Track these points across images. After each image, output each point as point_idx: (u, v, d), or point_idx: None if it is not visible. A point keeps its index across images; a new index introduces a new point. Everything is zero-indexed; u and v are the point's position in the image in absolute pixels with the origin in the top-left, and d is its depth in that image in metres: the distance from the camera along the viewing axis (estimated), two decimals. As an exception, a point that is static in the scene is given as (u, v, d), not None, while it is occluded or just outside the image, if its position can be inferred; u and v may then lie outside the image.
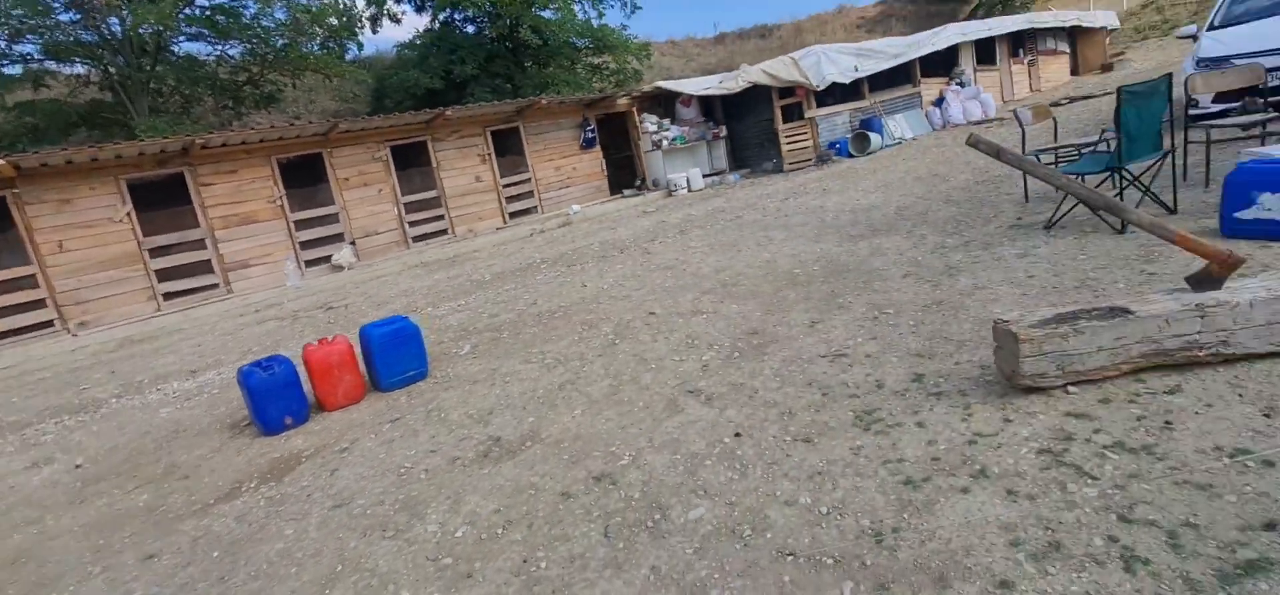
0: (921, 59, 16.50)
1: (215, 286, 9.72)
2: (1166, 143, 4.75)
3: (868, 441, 2.51)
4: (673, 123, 15.11)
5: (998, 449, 2.28)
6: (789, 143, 14.78)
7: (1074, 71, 23.34)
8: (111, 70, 13.48)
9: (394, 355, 4.26)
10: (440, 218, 12.06)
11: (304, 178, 10.81)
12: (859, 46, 15.19)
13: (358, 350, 4.32)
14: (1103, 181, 5.60)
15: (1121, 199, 4.67)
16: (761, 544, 2.05)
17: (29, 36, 12.46)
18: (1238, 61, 6.30)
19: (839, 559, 1.92)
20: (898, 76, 16.56)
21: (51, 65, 13.78)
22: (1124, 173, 4.76)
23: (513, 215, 13.11)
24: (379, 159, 11.27)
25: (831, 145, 14.66)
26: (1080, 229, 4.71)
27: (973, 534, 1.89)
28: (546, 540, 2.31)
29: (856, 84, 15.04)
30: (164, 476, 3.62)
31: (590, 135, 14.08)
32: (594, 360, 4.21)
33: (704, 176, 14.60)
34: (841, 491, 2.23)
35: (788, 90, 14.38)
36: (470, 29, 20.94)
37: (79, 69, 13.86)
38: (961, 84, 17.69)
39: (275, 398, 3.83)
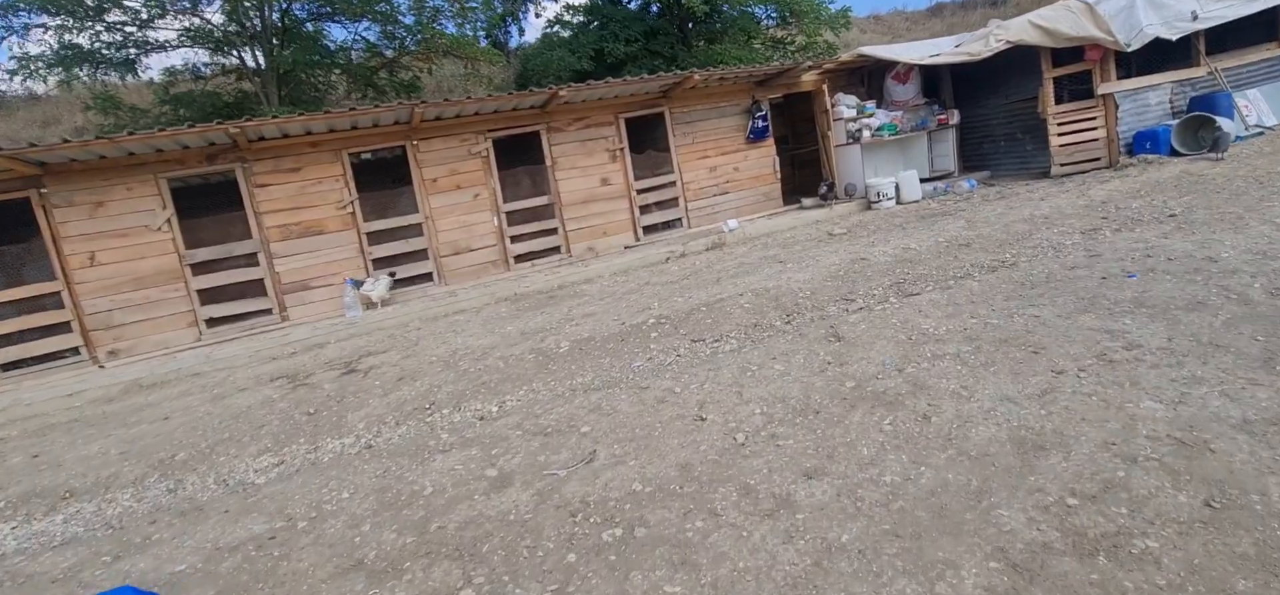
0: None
1: (267, 313, 7.77)
2: None
3: None
4: (879, 106, 10.84)
5: None
6: (1064, 133, 9.79)
7: None
8: (247, 61, 12.69)
9: None
10: (553, 232, 9.24)
11: (382, 179, 8.58)
12: (1202, -21, 9.63)
13: None
14: None
15: None
16: None
17: (167, 19, 11.92)
18: None
19: None
20: (1252, 29, 10.56)
21: (204, 55, 13.38)
22: None
23: (648, 229, 9.91)
24: (477, 154, 8.70)
25: (1141, 138, 9.42)
26: None
27: None
28: None
29: (1183, 42, 9.56)
30: None
31: (761, 124, 10.39)
32: None
33: (921, 181, 10.19)
34: None
35: (1069, 54, 9.42)
36: (631, 2, 18.21)
37: (233, 60, 13.34)
38: (1368, 39, 11.02)
39: None
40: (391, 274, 7.73)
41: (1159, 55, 9.96)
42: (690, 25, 18.62)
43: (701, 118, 10.13)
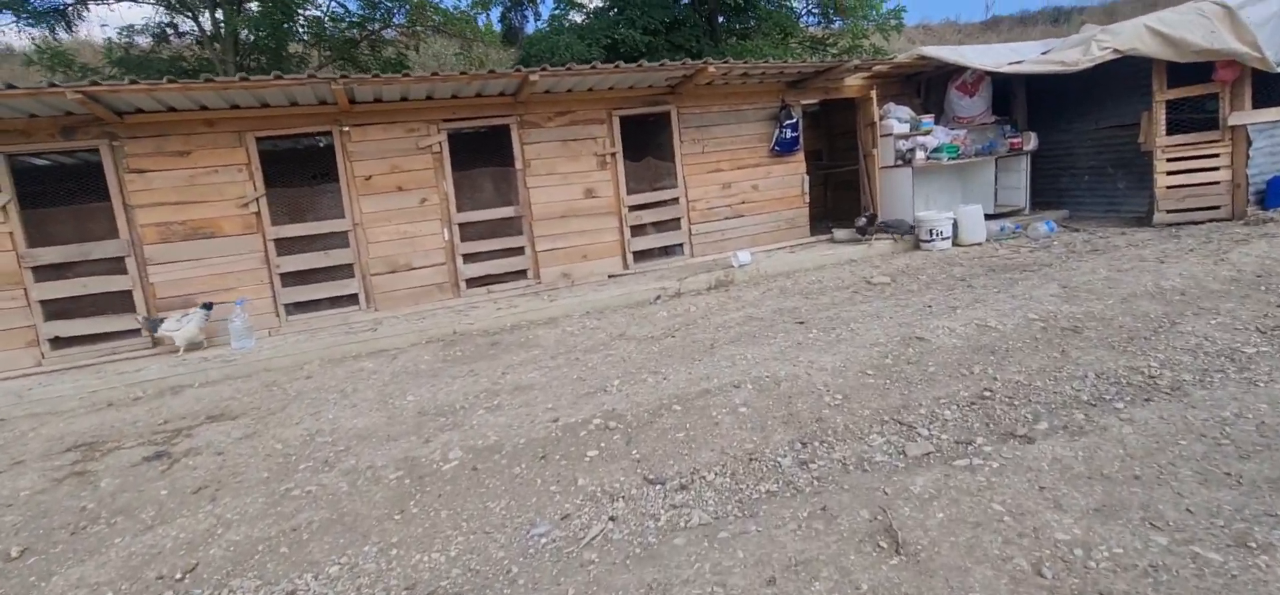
0: None
1: (134, 334, 6.06)
2: None
3: None
4: (937, 121, 8.83)
5: None
6: (1175, 172, 7.69)
7: None
8: (204, 24, 11.08)
9: None
10: (519, 251, 7.41)
11: (301, 172, 6.84)
12: (1376, -15, 7.45)
13: None
14: None
15: None
16: None
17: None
18: None
19: None
20: None
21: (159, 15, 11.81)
22: None
23: (640, 256, 8.03)
24: (427, 149, 6.92)
25: (1274, 184, 7.29)
26: None
27: None
28: None
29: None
30: None
31: (790, 134, 8.46)
32: None
33: (986, 218, 8.16)
34: None
35: (1190, 72, 7.33)
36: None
37: (188, 21, 11.75)
38: None
39: None
40: (206, 307, 5.88)
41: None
42: (721, 19, 16.71)
43: (717, 122, 8.22)
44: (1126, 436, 2.76)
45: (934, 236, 7.85)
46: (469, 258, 7.20)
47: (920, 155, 8.22)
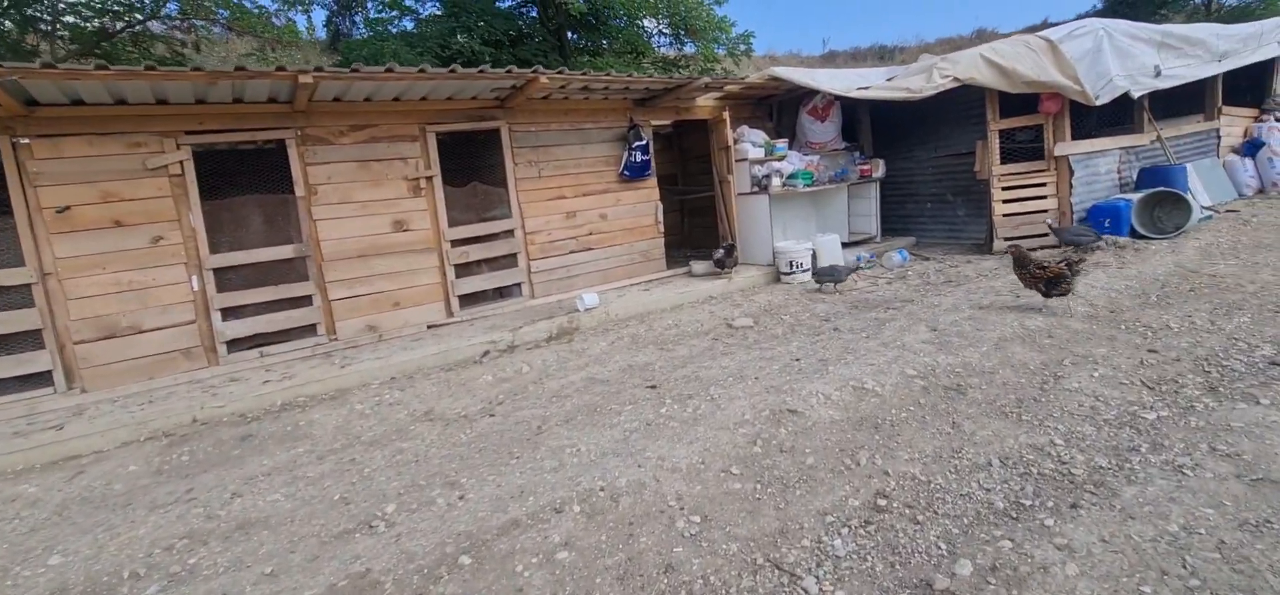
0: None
1: None
2: None
3: None
4: (791, 146, 8.44)
5: None
6: (1010, 200, 7.82)
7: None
8: None
9: None
10: (305, 302, 5.80)
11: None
12: (1164, 30, 8.09)
13: None
14: None
15: None
16: None
17: None
18: None
19: None
20: (1182, 100, 9.36)
21: None
22: None
23: (468, 300, 6.72)
24: (161, 171, 5.15)
25: (1098, 213, 7.61)
26: None
27: None
28: None
29: (1124, 104, 7.96)
30: None
31: (640, 157, 7.60)
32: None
33: (842, 247, 7.83)
34: None
35: (1017, 103, 7.48)
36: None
37: None
38: (1286, 120, 10.27)
39: None
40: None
41: (1105, 116, 8.37)
42: (571, 35, 15.81)
43: (557, 142, 7.16)
44: (1075, 585, 2.00)
45: (794, 268, 7.34)
46: (231, 313, 5.48)
47: (776, 182, 7.72)
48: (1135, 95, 7.57)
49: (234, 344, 5.49)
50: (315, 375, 5.03)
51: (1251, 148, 9.87)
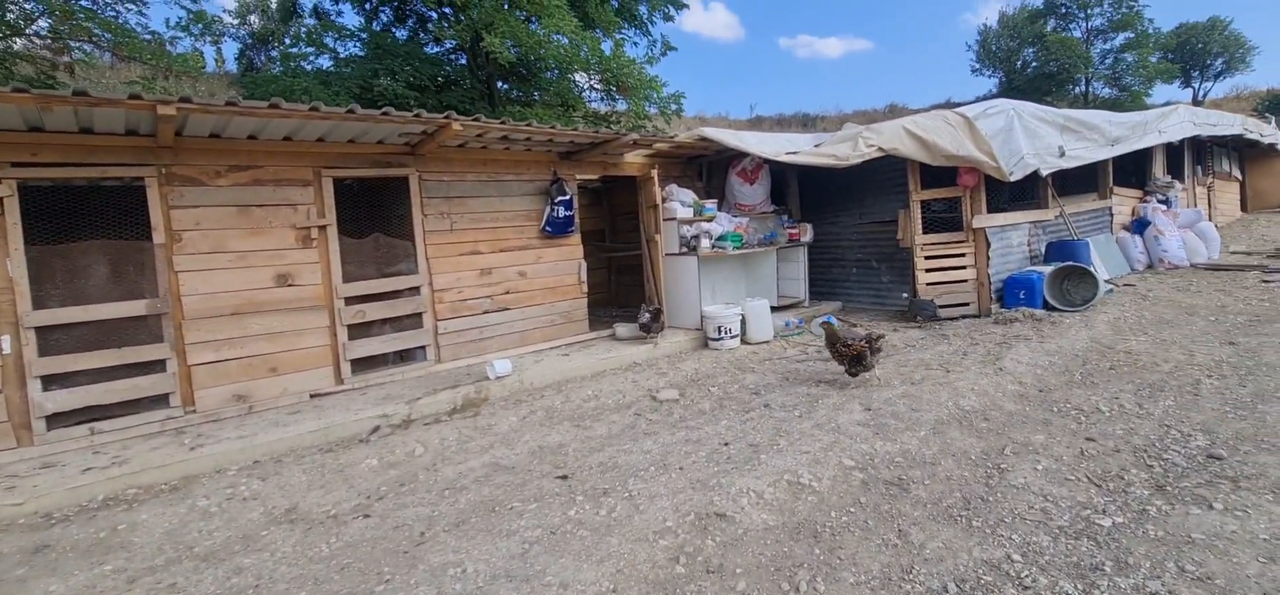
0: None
1: None
2: None
3: None
4: (720, 207, 8.24)
5: None
6: (933, 269, 7.87)
7: (1244, 206, 17.28)
8: None
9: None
10: (157, 366, 4.91)
11: None
12: (1065, 114, 8.53)
13: None
14: None
15: None
16: None
17: None
18: None
19: None
20: (1080, 179, 9.97)
21: None
22: None
23: (362, 365, 5.97)
24: (-25, 208, 4.25)
25: (1014, 285, 7.76)
26: None
27: None
28: None
29: (1031, 180, 8.32)
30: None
31: (563, 212, 7.17)
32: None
33: (771, 311, 7.60)
34: None
35: (937, 175, 7.62)
36: (430, 47, 14.51)
37: None
38: (1166, 200, 11.13)
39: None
40: None
41: (1014, 191, 8.69)
42: (501, 85, 15.43)
43: (473, 193, 6.63)
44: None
45: (722, 334, 7.01)
46: (55, 381, 4.53)
47: (706, 243, 7.46)
48: (1043, 173, 7.87)
49: (56, 419, 4.52)
50: (155, 459, 4.16)
51: (1139, 225, 10.55)
